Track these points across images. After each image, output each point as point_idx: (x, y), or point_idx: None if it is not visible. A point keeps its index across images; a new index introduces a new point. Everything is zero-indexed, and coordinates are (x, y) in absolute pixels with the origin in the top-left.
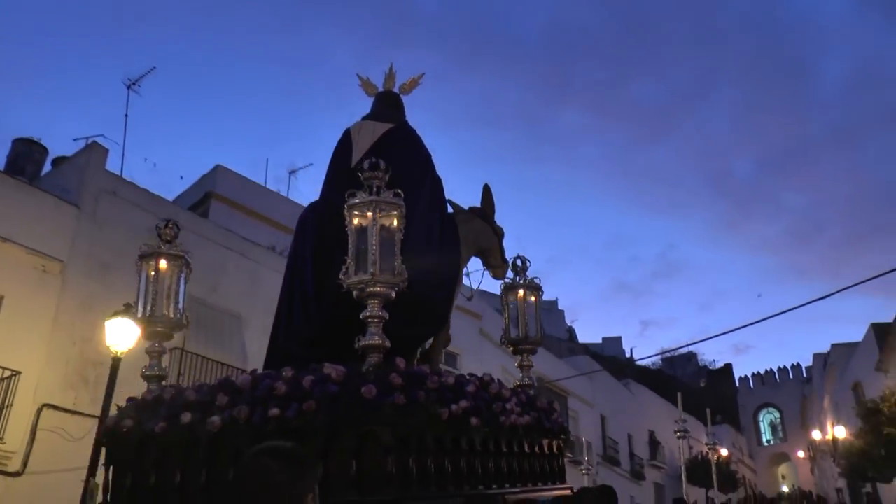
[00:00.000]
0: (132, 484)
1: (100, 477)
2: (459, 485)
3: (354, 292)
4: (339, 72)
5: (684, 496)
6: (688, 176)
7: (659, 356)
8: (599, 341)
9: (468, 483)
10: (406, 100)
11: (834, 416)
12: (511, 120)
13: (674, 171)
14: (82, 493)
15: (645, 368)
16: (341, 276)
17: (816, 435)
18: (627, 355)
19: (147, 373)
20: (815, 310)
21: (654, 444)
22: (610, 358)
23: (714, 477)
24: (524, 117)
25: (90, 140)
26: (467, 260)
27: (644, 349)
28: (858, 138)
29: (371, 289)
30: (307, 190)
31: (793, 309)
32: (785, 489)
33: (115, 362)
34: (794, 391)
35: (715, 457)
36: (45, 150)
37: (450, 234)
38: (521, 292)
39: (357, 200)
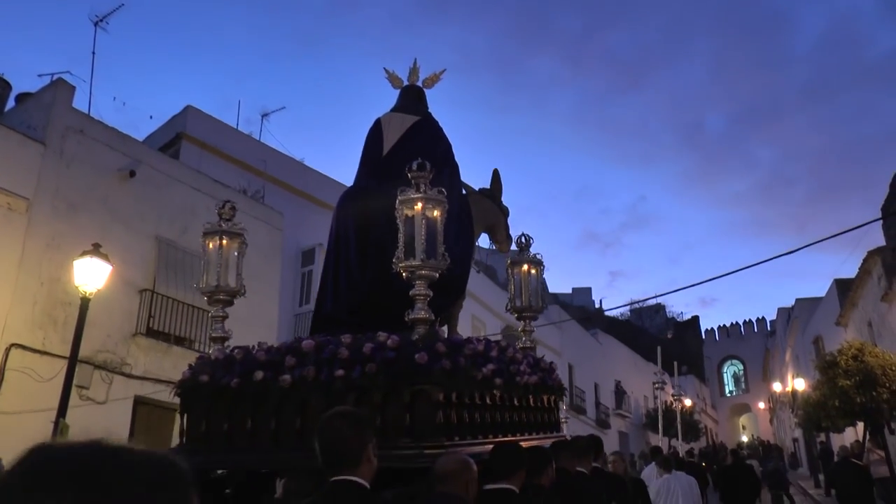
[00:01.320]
0: (206, 430)
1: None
2: (486, 434)
3: (405, 274)
4: (310, 15)
5: (659, 444)
6: (660, 128)
7: (627, 307)
8: (569, 291)
9: (492, 433)
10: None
11: (795, 368)
12: (483, 67)
13: (646, 123)
14: (52, 433)
15: (613, 319)
16: (394, 261)
17: (777, 387)
18: (597, 306)
19: (213, 335)
20: (782, 265)
21: (619, 393)
22: (579, 308)
23: (679, 426)
24: (496, 65)
25: (56, 76)
26: (478, 236)
27: (613, 300)
28: (830, 95)
29: (419, 272)
30: (279, 133)
31: (759, 263)
32: (745, 439)
33: (84, 303)
34: (757, 344)
35: (679, 407)
36: (8, 86)
37: (466, 215)
38: (524, 266)
39: (407, 196)
